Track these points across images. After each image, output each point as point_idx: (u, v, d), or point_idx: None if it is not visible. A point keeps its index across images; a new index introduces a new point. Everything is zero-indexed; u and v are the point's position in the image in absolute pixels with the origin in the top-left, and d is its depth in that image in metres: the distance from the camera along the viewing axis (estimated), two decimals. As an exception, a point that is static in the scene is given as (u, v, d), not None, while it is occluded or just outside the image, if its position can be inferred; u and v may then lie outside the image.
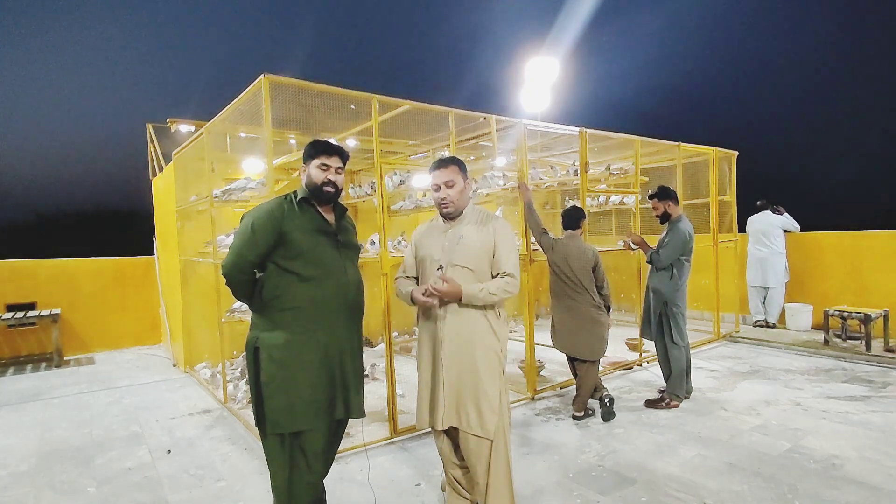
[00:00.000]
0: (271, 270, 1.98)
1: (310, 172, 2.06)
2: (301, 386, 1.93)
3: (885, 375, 4.60)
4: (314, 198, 2.06)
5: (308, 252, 1.97)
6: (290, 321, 1.95)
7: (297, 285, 1.96)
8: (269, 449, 1.99)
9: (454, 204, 2.30)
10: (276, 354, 1.93)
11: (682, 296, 3.99)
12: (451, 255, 2.25)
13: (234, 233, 2.06)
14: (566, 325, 3.69)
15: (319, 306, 1.98)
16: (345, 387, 2.04)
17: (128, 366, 5.86)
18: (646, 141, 5.28)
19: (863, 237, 6.24)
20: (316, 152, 2.07)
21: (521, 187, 4.16)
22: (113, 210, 22.42)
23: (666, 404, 3.90)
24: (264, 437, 1.99)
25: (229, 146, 4.88)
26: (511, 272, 2.23)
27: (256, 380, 1.95)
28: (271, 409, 1.92)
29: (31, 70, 24.83)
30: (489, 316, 2.25)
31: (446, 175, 2.28)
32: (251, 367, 1.97)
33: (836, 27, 19.95)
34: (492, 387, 2.19)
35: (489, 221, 2.32)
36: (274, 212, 1.98)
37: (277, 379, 1.92)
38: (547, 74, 9.88)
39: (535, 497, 2.64)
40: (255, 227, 1.94)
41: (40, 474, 3.09)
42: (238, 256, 1.96)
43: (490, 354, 2.22)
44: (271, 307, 1.97)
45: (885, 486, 2.64)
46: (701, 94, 22.64)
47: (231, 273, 1.99)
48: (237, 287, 2.03)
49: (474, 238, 2.26)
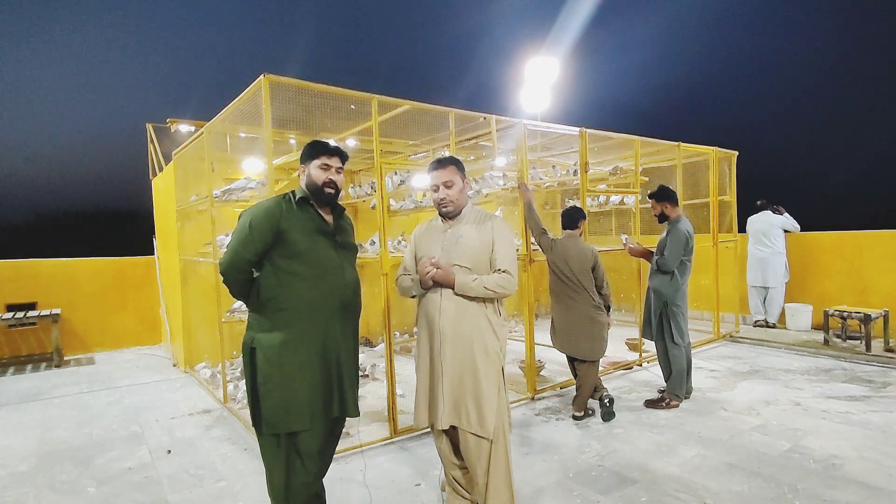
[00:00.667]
0: (269, 270, 1.97)
1: (310, 173, 2.05)
2: (297, 386, 1.93)
3: (885, 375, 4.60)
4: (314, 198, 2.06)
5: (306, 252, 1.97)
6: (288, 321, 1.95)
7: (294, 285, 1.95)
8: (266, 449, 2.00)
9: (453, 204, 2.31)
10: (273, 355, 1.92)
11: (682, 296, 3.99)
12: (450, 255, 2.26)
13: (232, 232, 2.05)
14: (566, 325, 3.69)
15: (317, 306, 1.98)
16: (340, 386, 2.04)
17: (128, 366, 5.86)
18: (646, 141, 5.28)
19: (863, 237, 6.24)
20: (316, 152, 2.07)
21: (521, 187, 4.16)
22: (113, 210, 22.45)
23: (666, 404, 3.90)
24: (260, 437, 2.00)
25: (229, 146, 4.88)
26: (507, 269, 2.23)
27: (253, 380, 1.95)
28: (268, 409, 1.92)
29: (32, 70, 24.83)
30: (489, 315, 2.25)
31: (445, 175, 2.29)
32: (247, 368, 1.97)
33: (836, 27, 19.95)
34: (491, 386, 2.20)
35: (487, 221, 2.33)
36: (272, 210, 1.96)
37: (274, 379, 1.92)
38: (547, 74, 9.88)
39: (535, 497, 2.64)
40: (252, 226, 1.93)
41: (40, 474, 3.09)
42: (235, 255, 1.95)
43: (490, 354, 2.22)
44: (268, 307, 1.96)
45: (885, 486, 2.64)
46: (701, 94, 22.65)
47: (228, 272, 1.98)
48: (234, 286, 2.02)
49: (473, 237, 2.27)
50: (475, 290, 2.19)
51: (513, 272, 2.25)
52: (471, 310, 2.22)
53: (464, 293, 2.20)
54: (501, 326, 2.30)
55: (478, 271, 2.24)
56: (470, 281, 2.19)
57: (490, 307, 2.26)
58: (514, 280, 2.25)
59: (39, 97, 25.05)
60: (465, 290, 2.19)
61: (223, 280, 2.02)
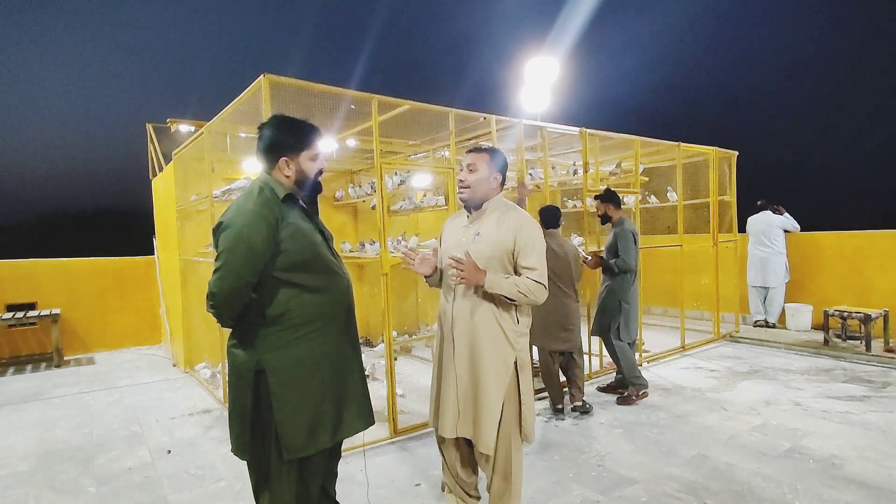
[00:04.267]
0: (273, 284, 1.66)
1: (301, 165, 1.76)
2: (322, 403, 1.71)
3: (885, 375, 4.60)
4: (301, 193, 1.79)
5: (312, 260, 1.70)
6: (305, 336, 1.69)
7: (306, 297, 1.69)
8: (277, 477, 1.70)
9: (470, 190, 2.16)
10: (292, 375, 1.66)
11: (633, 293, 4.14)
12: (464, 253, 2.11)
13: (219, 250, 1.66)
14: (553, 320, 3.78)
15: (330, 316, 1.75)
16: (362, 394, 1.86)
17: (128, 366, 5.86)
18: (646, 141, 5.28)
19: (863, 237, 6.24)
20: (308, 141, 1.77)
21: (520, 186, 4.21)
22: (113, 210, 22.47)
23: (636, 396, 4.02)
24: (257, 469, 1.72)
25: (229, 146, 4.88)
26: (538, 278, 2.04)
27: (257, 406, 1.66)
28: (289, 434, 1.64)
29: (32, 70, 24.83)
30: (504, 323, 2.09)
31: (472, 158, 2.17)
32: (248, 393, 1.65)
33: (836, 27, 19.95)
34: (494, 398, 2.06)
35: (510, 216, 2.13)
36: (266, 216, 1.62)
37: (293, 402, 1.66)
38: (547, 74, 9.88)
39: (536, 497, 2.64)
40: (249, 237, 1.59)
41: (40, 474, 3.09)
42: (237, 280, 1.58)
43: (498, 363, 2.07)
44: (279, 324, 1.67)
45: (885, 486, 2.64)
46: (701, 94, 22.65)
47: (221, 298, 1.60)
48: (231, 313, 1.65)
49: (491, 235, 2.11)
50: (506, 289, 2.01)
51: (544, 280, 2.06)
52: (484, 317, 2.08)
53: (493, 291, 2.02)
54: (519, 335, 2.13)
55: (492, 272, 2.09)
56: (502, 279, 2.01)
57: (506, 314, 2.10)
58: (544, 291, 2.06)
59: (40, 97, 25.06)
60: (496, 287, 2.01)
61: (217, 310, 1.64)
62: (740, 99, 22.41)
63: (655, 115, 21.13)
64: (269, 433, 1.67)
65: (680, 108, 21.89)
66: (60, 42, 25.42)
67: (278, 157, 1.74)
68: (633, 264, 4.04)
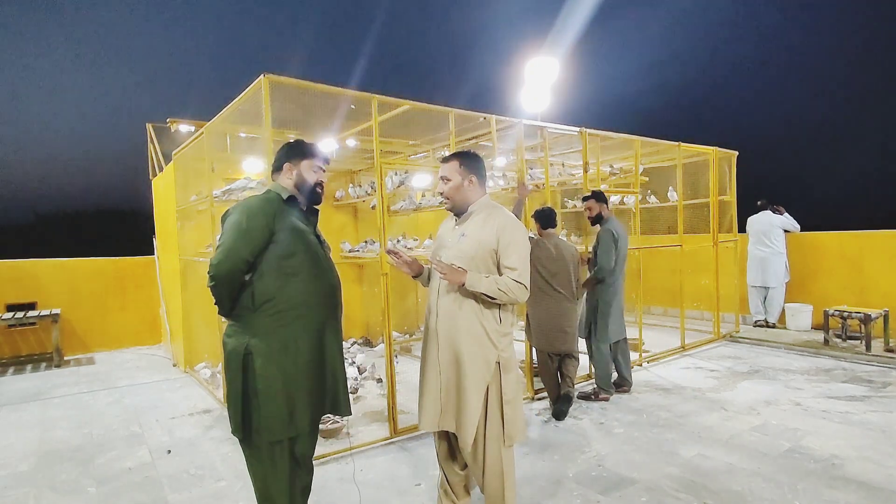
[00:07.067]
0: (265, 270, 1.86)
1: (301, 173, 2.01)
2: (300, 389, 1.89)
3: (885, 375, 4.60)
4: (302, 197, 2.03)
5: (301, 252, 1.91)
6: (288, 322, 1.87)
7: (293, 285, 1.88)
8: (258, 459, 1.90)
9: (451, 200, 2.24)
10: (274, 358, 1.85)
11: (613, 293, 4.13)
12: (450, 255, 2.19)
13: (221, 234, 1.94)
14: (555, 322, 3.77)
15: (315, 306, 1.93)
16: (335, 386, 2.02)
17: (128, 366, 5.86)
18: (646, 141, 5.28)
19: (863, 237, 6.24)
20: (311, 154, 2.04)
21: (520, 186, 4.21)
22: (113, 210, 22.48)
23: (595, 397, 4.11)
24: (250, 447, 1.91)
25: (229, 146, 4.87)
26: (519, 279, 2.07)
27: (245, 388, 1.85)
28: (268, 415, 1.83)
29: (32, 70, 24.83)
30: (486, 322, 2.12)
31: (444, 170, 2.25)
32: (238, 375, 1.85)
33: (836, 27, 19.95)
34: (475, 396, 2.09)
35: (493, 218, 2.17)
36: (265, 208, 1.89)
37: (276, 384, 1.84)
38: (547, 74, 9.87)
39: (535, 497, 2.64)
40: (248, 223, 1.84)
41: (40, 474, 3.09)
42: (232, 254, 1.81)
43: (478, 362, 2.10)
44: (265, 309, 1.86)
45: (885, 486, 2.64)
46: (701, 94, 22.65)
47: (224, 274, 1.82)
48: (226, 290, 1.86)
49: (475, 236, 2.16)
50: (485, 288, 2.04)
51: (524, 280, 2.09)
52: (465, 315, 2.12)
53: (473, 290, 2.06)
54: (502, 335, 2.15)
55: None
56: (482, 278, 2.06)
57: (488, 313, 2.13)
58: (525, 290, 2.09)
59: (40, 97, 25.07)
60: (476, 286, 2.04)
61: (214, 286, 1.85)
62: (740, 99, 22.42)
63: (655, 114, 21.13)
64: (250, 415, 1.87)
65: (680, 108, 21.89)
66: (60, 42, 25.43)
67: (284, 162, 2.03)
68: (610, 265, 4.03)
